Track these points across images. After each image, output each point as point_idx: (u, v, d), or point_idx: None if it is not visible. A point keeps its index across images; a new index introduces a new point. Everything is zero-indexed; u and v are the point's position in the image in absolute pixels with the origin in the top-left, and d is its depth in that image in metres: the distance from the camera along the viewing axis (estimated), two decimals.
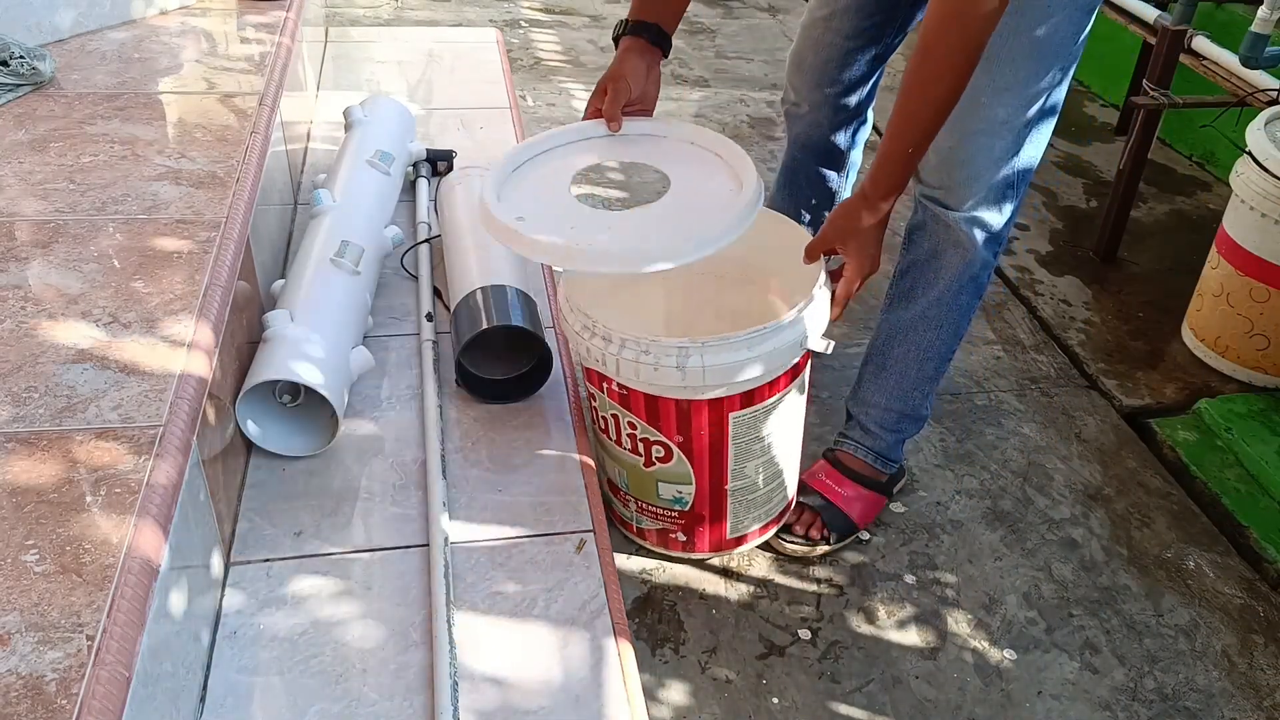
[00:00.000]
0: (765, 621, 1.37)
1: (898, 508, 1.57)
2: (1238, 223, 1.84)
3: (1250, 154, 1.76)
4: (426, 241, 1.70)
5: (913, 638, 1.37)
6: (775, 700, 1.27)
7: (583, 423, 1.39)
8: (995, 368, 1.93)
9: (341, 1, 3.49)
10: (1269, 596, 1.48)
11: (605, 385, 1.23)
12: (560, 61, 3.19)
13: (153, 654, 0.83)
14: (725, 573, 1.44)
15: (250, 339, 1.30)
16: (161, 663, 0.86)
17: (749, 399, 1.21)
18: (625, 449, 1.29)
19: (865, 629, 1.38)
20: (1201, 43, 2.12)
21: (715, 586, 1.42)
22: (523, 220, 1.14)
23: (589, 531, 1.21)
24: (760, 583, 1.43)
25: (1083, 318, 2.08)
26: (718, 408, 1.21)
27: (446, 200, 1.71)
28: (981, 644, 1.37)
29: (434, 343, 1.47)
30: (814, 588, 1.43)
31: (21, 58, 1.51)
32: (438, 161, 1.92)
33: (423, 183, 1.87)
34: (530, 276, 1.55)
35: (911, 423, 1.50)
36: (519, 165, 1.26)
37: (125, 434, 0.92)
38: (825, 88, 1.57)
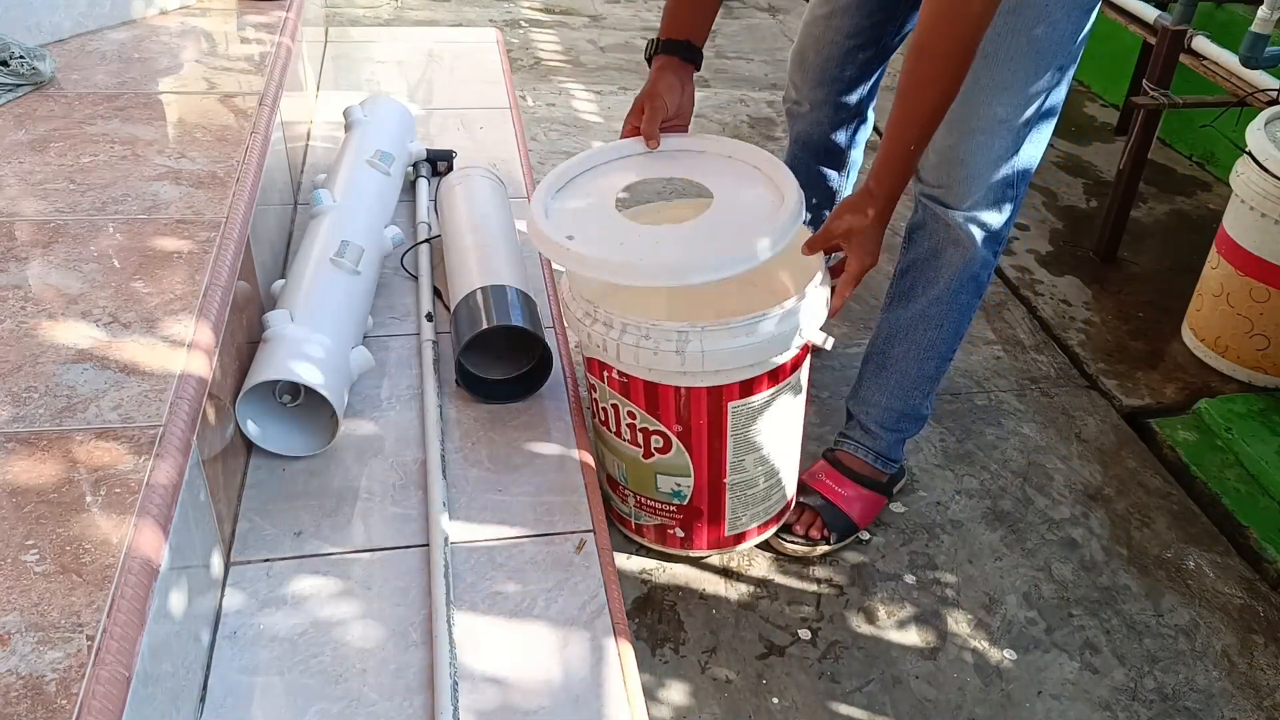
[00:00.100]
0: (765, 621, 1.37)
1: (898, 508, 1.57)
2: (1238, 223, 1.84)
3: (1250, 154, 1.76)
4: (426, 241, 1.70)
5: (913, 638, 1.37)
6: (775, 700, 1.27)
7: (583, 423, 1.39)
8: (995, 368, 1.93)
9: (341, 1, 3.49)
10: (1269, 596, 1.48)
11: (606, 374, 1.24)
12: (560, 61, 3.19)
13: (153, 654, 0.83)
14: (725, 573, 1.44)
15: (250, 339, 1.30)
16: (161, 663, 0.86)
17: (747, 388, 1.22)
18: (625, 440, 1.29)
19: (865, 629, 1.38)
20: (1201, 43, 2.12)
21: (715, 586, 1.42)
22: (572, 239, 1.18)
23: (589, 531, 1.21)
24: (760, 583, 1.43)
25: (1083, 318, 2.08)
26: (716, 396, 1.21)
27: (446, 200, 1.71)
28: (981, 644, 1.37)
29: (434, 343, 1.47)
30: (814, 588, 1.43)
31: (21, 58, 1.51)
32: (438, 161, 1.92)
33: (423, 183, 1.87)
34: (530, 276, 1.55)
35: (912, 422, 1.51)
36: (563, 185, 1.30)
37: (125, 434, 0.92)
38: (826, 86, 1.57)
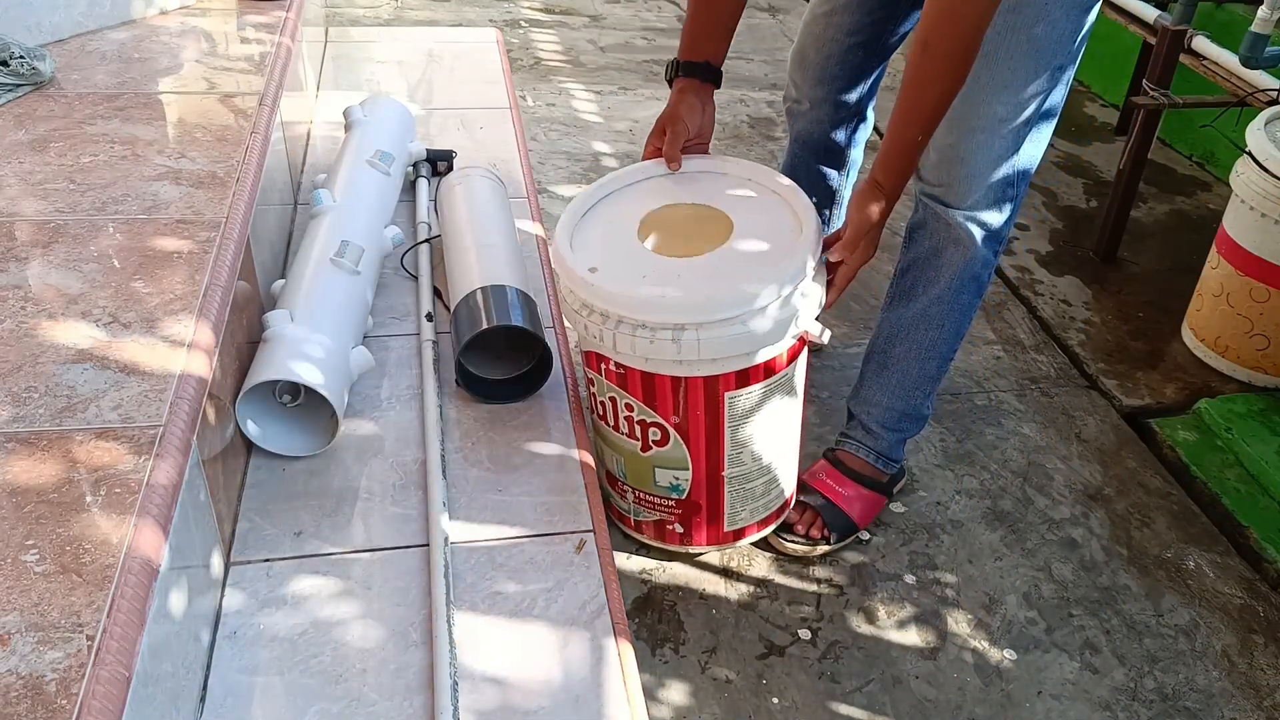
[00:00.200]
0: (765, 621, 1.37)
1: (898, 508, 1.57)
2: (1238, 223, 1.84)
3: (1250, 154, 1.76)
4: (426, 241, 1.70)
5: (913, 638, 1.37)
6: (775, 700, 1.27)
7: (583, 422, 1.39)
8: (995, 368, 1.93)
9: (341, 1, 3.49)
10: (1269, 596, 1.48)
11: (603, 366, 1.24)
12: (560, 61, 3.19)
13: (153, 654, 0.83)
14: (725, 572, 1.44)
15: (250, 339, 1.30)
16: (161, 663, 0.86)
17: (744, 378, 1.22)
18: (623, 434, 1.29)
19: (865, 629, 1.38)
20: (1201, 43, 2.12)
21: (715, 586, 1.42)
22: (595, 271, 1.19)
23: (589, 531, 1.21)
24: (760, 582, 1.43)
25: (1083, 318, 2.08)
26: (713, 386, 1.21)
27: (446, 200, 1.70)
28: (981, 644, 1.37)
29: (434, 343, 1.47)
30: (814, 588, 1.43)
31: (21, 58, 1.51)
32: (438, 161, 1.92)
33: (423, 183, 1.87)
34: (530, 276, 1.55)
35: (913, 422, 1.51)
36: (586, 210, 1.31)
37: (125, 434, 0.92)
38: (826, 84, 1.57)
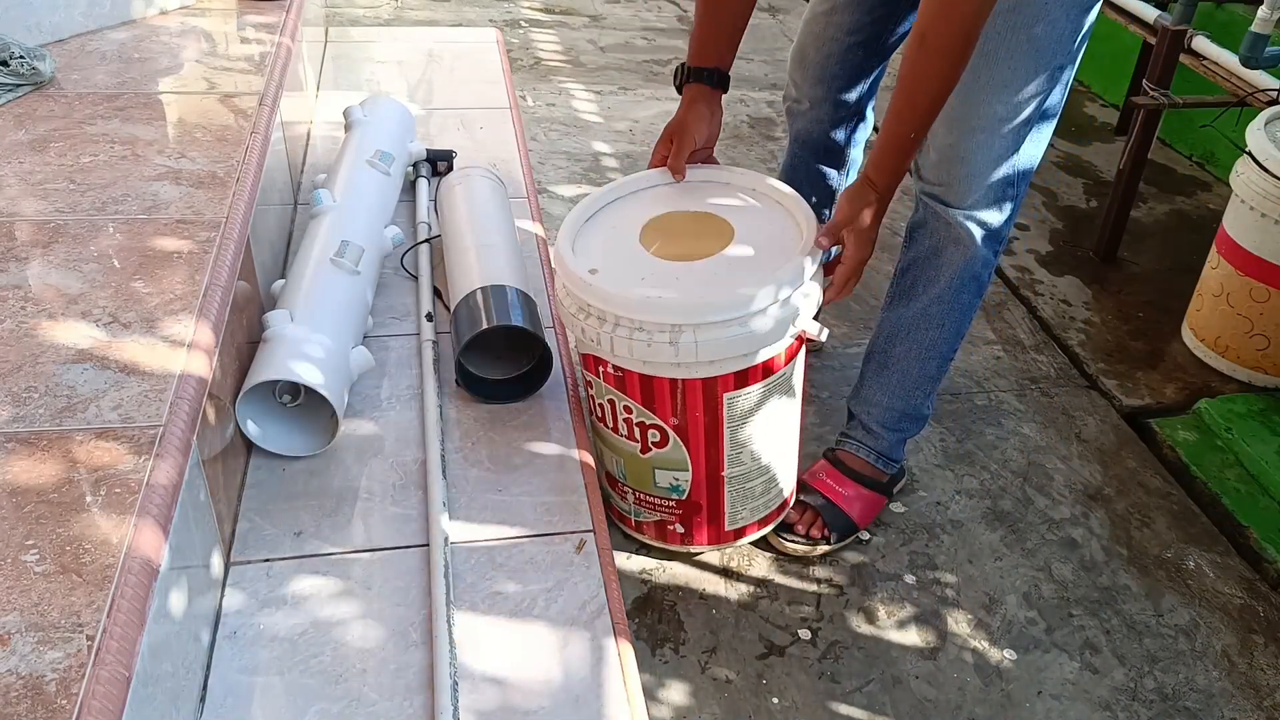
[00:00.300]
0: (765, 621, 1.37)
1: (898, 508, 1.57)
2: (1238, 223, 1.84)
3: (1250, 154, 1.76)
4: (426, 241, 1.70)
5: (913, 638, 1.37)
6: (775, 700, 1.27)
7: (583, 422, 1.39)
8: (995, 368, 1.93)
9: (341, 1, 3.49)
10: (1269, 596, 1.48)
11: (601, 369, 1.24)
12: (560, 61, 3.19)
13: (153, 654, 0.83)
14: (725, 572, 1.44)
15: (250, 339, 1.30)
16: (161, 663, 0.86)
17: (742, 379, 1.22)
18: (622, 435, 1.29)
19: (865, 629, 1.38)
20: (1201, 43, 2.12)
21: (715, 586, 1.42)
22: (595, 273, 1.20)
23: (589, 531, 1.21)
24: (760, 582, 1.43)
25: (1083, 318, 2.08)
26: (711, 388, 1.21)
27: (446, 200, 1.70)
28: (981, 644, 1.37)
29: (434, 343, 1.47)
30: (814, 588, 1.43)
31: (21, 58, 1.51)
32: (438, 161, 1.92)
33: (423, 183, 1.87)
34: (530, 277, 1.55)
35: (913, 422, 1.50)
36: (590, 216, 1.31)
37: (125, 434, 0.92)
38: (826, 83, 1.57)
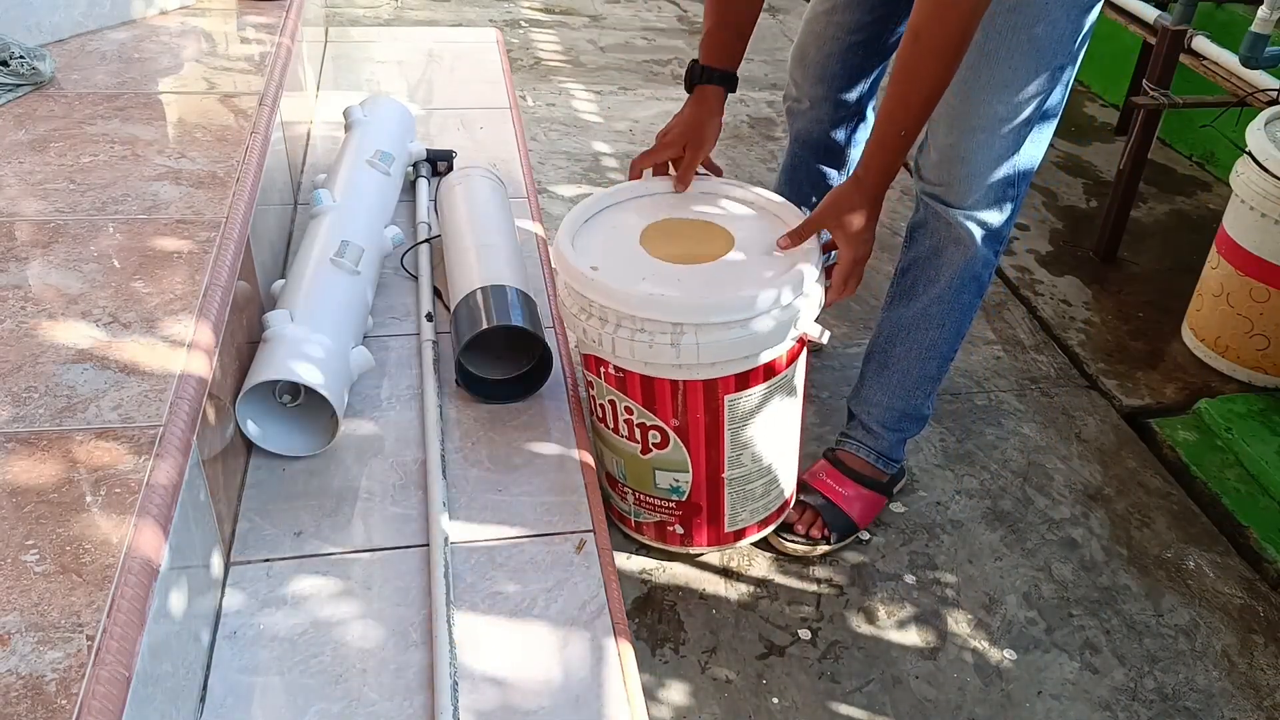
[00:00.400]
0: (765, 621, 1.37)
1: (898, 508, 1.57)
2: (1238, 223, 1.84)
3: (1250, 154, 1.76)
4: (426, 241, 1.70)
5: (913, 638, 1.37)
6: (775, 700, 1.27)
7: (583, 422, 1.39)
8: (995, 368, 1.93)
9: (341, 1, 3.49)
10: (1269, 596, 1.48)
11: (602, 370, 1.25)
12: (560, 61, 3.19)
13: (153, 654, 0.83)
14: (725, 572, 1.44)
15: (250, 339, 1.30)
16: (161, 663, 0.86)
17: (743, 381, 1.22)
18: (623, 436, 1.29)
19: (865, 629, 1.38)
20: (1201, 43, 2.12)
21: (715, 586, 1.42)
22: (596, 269, 1.20)
23: (589, 531, 1.21)
24: (760, 582, 1.43)
25: (1083, 318, 2.08)
26: (712, 390, 1.21)
27: (446, 200, 1.70)
28: (981, 644, 1.37)
29: (434, 343, 1.47)
30: (814, 588, 1.43)
31: (21, 58, 1.51)
32: (438, 161, 1.92)
33: (423, 183, 1.87)
34: (530, 277, 1.55)
35: (913, 422, 1.50)
36: (589, 218, 1.32)
37: (125, 434, 0.92)
38: (827, 82, 1.57)
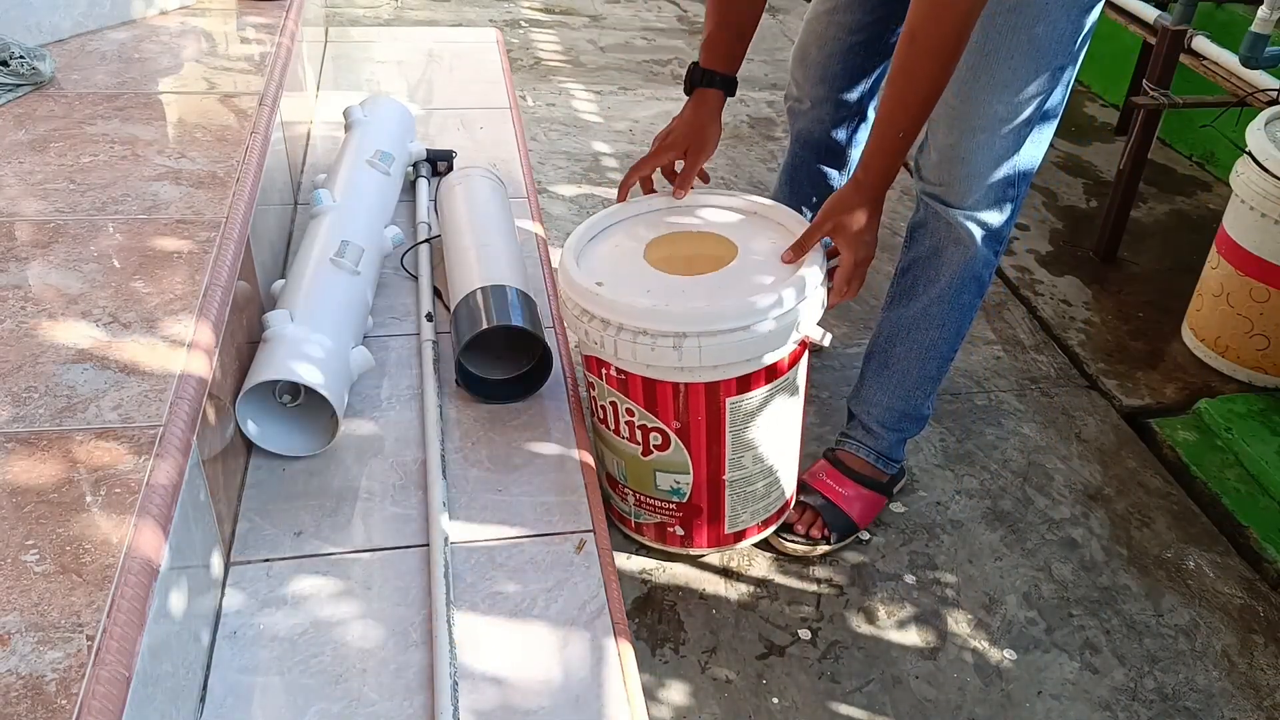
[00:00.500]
0: (765, 621, 1.37)
1: (898, 508, 1.57)
2: (1238, 223, 1.84)
3: (1250, 154, 1.76)
4: (426, 241, 1.70)
5: (913, 638, 1.37)
6: (775, 700, 1.27)
7: (583, 422, 1.39)
8: (995, 368, 1.93)
9: (342, 1, 3.49)
10: (1269, 596, 1.48)
11: (604, 371, 1.24)
12: (560, 61, 3.19)
13: (153, 654, 0.83)
14: (725, 572, 1.44)
15: (250, 339, 1.30)
16: (161, 663, 0.86)
17: (745, 384, 1.22)
18: (623, 438, 1.29)
19: (865, 629, 1.38)
20: (1201, 43, 2.12)
21: (715, 586, 1.42)
22: (602, 285, 1.21)
23: (589, 531, 1.21)
24: (760, 582, 1.43)
25: (1083, 318, 2.08)
26: (714, 392, 1.21)
27: (446, 200, 1.71)
28: (981, 644, 1.37)
29: (434, 343, 1.47)
30: (814, 588, 1.43)
31: (21, 58, 1.51)
32: (438, 161, 1.92)
33: (423, 183, 1.87)
34: (530, 277, 1.55)
35: (913, 422, 1.50)
36: (593, 235, 1.33)
37: (125, 434, 0.92)
38: (828, 83, 1.57)
